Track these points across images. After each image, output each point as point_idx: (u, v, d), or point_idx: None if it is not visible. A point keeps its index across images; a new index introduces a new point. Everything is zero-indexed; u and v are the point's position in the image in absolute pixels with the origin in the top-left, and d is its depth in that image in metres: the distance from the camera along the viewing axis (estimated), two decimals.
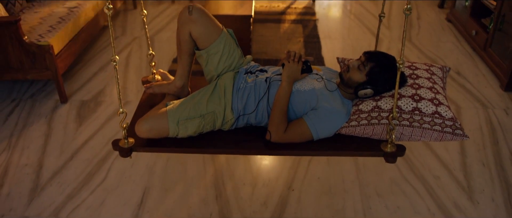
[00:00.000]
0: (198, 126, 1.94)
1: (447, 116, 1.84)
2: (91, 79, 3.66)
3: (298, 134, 1.91)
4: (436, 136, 1.84)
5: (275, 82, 2.00)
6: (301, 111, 1.97)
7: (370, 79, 1.93)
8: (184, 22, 2.02)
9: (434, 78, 2.04)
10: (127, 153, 1.93)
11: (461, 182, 2.58)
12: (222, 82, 2.06)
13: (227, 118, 1.99)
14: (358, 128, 1.91)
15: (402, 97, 1.90)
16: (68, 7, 3.72)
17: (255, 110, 1.99)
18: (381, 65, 1.93)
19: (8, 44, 3.10)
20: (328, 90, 1.98)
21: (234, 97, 2.01)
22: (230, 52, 2.12)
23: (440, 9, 5.05)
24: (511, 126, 3.05)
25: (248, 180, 2.62)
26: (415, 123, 1.84)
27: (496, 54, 3.62)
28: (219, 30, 2.07)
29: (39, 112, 3.24)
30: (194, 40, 2.08)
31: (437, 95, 1.92)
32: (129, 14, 5.01)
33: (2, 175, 2.65)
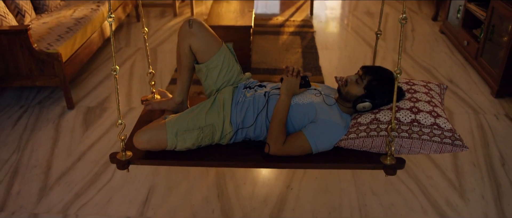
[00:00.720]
0: (196, 138, 1.95)
1: (446, 127, 1.85)
2: (97, 86, 3.79)
3: (297, 147, 1.92)
4: (436, 147, 1.85)
5: (274, 96, 2.03)
6: (300, 125, 1.98)
7: (368, 92, 1.96)
8: (184, 35, 2.07)
9: (432, 93, 2.05)
10: (124, 166, 1.93)
11: (453, 182, 2.69)
12: (221, 96, 2.09)
13: (225, 131, 2.01)
14: (357, 141, 1.92)
15: (400, 110, 1.91)
16: (76, 18, 3.86)
17: (254, 124, 2.01)
18: (379, 78, 1.96)
19: (18, 52, 3.24)
20: (326, 104, 2.01)
21: (233, 111, 2.04)
22: (229, 67, 2.16)
23: (433, 22, 5.21)
24: (501, 130, 3.17)
25: (248, 179, 2.73)
26: (414, 134, 1.85)
27: (487, 62, 3.76)
28: (218, 44, 2.11)
29: (46, 118, 3.36)
30: (194, 54, 2.11)
31: (435, 108, 1.93)
32: (132, 26, 5.16)
33: (12, 175, 2.76)
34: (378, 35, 2.21)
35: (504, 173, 2.75)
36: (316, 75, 3.93)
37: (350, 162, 1.93)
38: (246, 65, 4.06)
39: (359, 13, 5.67)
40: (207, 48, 2.08)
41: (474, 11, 4.02)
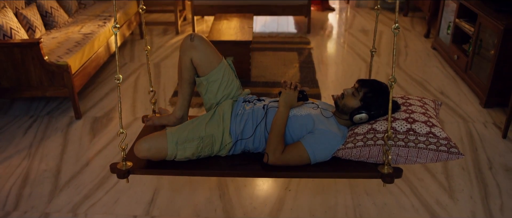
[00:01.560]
0: (196, 148, 2.01)
1: (441, 136, 1.92)
2: (103, 98, 3.96)
3: (296, 157, 1.98)
4: (432, 156, 1.91)
5: (272, 108, 2.12)
6: (299, 135, 2.05)
7: (365, 104, 2.03)
8: (186, 48, 2.15)
9: (427, 107, 2.14)
10: (124, 175, 1.98)
11: (442, 183, 2.84)
12: (221, 108, 2.17)
13: (225, 141, 2.06)
14: (354, 150, 1.97)
15: (396, 120, 1.99)
16: (83, 33, 4.06)
17: (253, 135, 2.08)
18: (374, 90, 2.04)
19: (30, 64, 3.41)
20: (324, 116, 2.09)
21: (232, 122, 2.11)
22: (229, 81, 2.24)
23: (425, 39, 5.42)
24: (489, 136, 3.33)
25: (248, 182, 2.87)
26: (411, 143, 1.91)
27: (475, 75, 3.94)
28: (219, 58, 2.20)
29: (55, 127, 3.51)
30: (195, 68, 2.20)
31: (430, 119, 2.01)
32: (136, 43, 5.35)
33: (24, 178, 2.90)
34: (372, 52, 2.35)
35: (491, 175, 2.90)
36: (313, 88, 4.10)
37: (348, 171, 1.99)
38: (245, 79, 4.23)
39: (354, 31, 5.88)
40: (207, 61, 2.17)
41: (463, 27, 4.22)
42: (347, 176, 2.15)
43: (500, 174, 2.91)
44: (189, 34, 2.17)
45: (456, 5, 4.39)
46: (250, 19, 4.85)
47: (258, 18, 6.47)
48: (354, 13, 6.74)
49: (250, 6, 5.48)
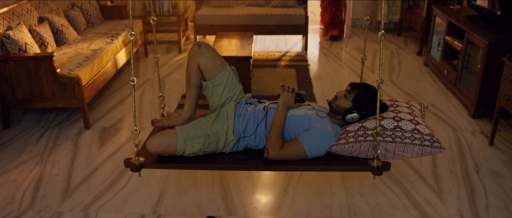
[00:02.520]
0: (203, 144, 2.22)
1: (425, 132, 2.14)
2: (111, 110, 4.16)
3: (293, 152, 2.19)
4: (417, 150, 2.12)
5: (272, 109, 2.35)
6: (296, 133, 2.26)
7: (356, 105, 2.26)
8: (194, 55, 2.39)
9: (413, 108, 2.36)
10: (137, 168, 2.18)
11: (432, 185, 3.01)
12: (225, 109, 2.39)
13: (229, 138, 2.28)
14: (346, 146, 2.18)
15: (384, 119, 2.20)
16: (92, 49, 4.28)
17: (254, 133, 2.30)
18: (364, 92, 2.27)
19: (43, 76, 3.63)
20: (319, 117, 2.31)
21: (235, 121, 2.32)
22: (232, 85, 2.47)
23: (418, 56, 5.66)
24: (476, 144, 3.52)
25: (249, 184, 3.05)
26: (397, 138, 2.12)
27: (464, 88, 4.16)
28: (223, 64, 2.44)
29: (66, 136, 3.70)
30: (201, 72, 2.42)
31: (416, 118, 2.23)
32: (141, 61, 5.58)
33: (37, 181, 3.08)
34: (363, 60, 2.61)
35: (478, 178, 3.08)
36: (310, 101, 4.30)
37: (341, 165, 2.19)
38: (246, 92, 4.44)
39: (349, 49, 6.12)
40: (213, 66, 2.39)
41: (452, 43, 4.46)
42: (340, 169, 2.36)
43: (487, 177, 3.09)
44: (197, 42, 2.40)
45: (446, 23, 4.64)
46: (250, 37, 5.08)
47: (257, 39, 6.72)
48: (350, 33, 6.99)
49: (250, 26, 5.74)
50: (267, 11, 5.88)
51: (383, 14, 2.09)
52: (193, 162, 2.25)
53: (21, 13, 4.08)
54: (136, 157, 2.18)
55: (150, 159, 2.24)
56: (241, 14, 5.81)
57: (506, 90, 3.22)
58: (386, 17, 6.64)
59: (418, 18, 5.70)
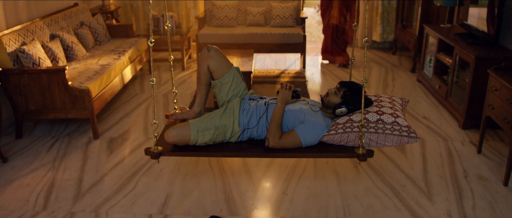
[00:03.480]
0: (212, 135, 2.58)
1: (403, 124, 2.48)
2: (118, 122, 4.36)
3: (290, 141, 2.53)
4: (396, 140, 2.45)
5: (272, 104, 2.68)
6: (292, 125, 2.61)
7: (344, 100, 2.60)
8: (204, 58, 2.73)
9: (394, 103, 2.68)
10: (156, 156, 2.50)
11: (422, 189, 3.20)
12: (231, 104, 2.72)
13: (235, 130, 2.63)
14: (336, 136, 2.51)
15: (368, 113, 2.54)
16: (101, 64, 4.51)
17: (257, 125, 2.64)
18: (352, 90, 2.60)
19: (55, 88, 3.84)
20: (312, 111, 2.64)
21: (240, 115, 2.66)
22: (237, 83, 2.81)
23: (412, 73, 5.88)
24: (465, 152, 3.71)
25: (250, 188, 3.23)
26: (379, 130, 2.46)
27: (454, 101, 4.37)
28: (229, 65, 2.78)
29: (75, 145, 3.90)
30: (210, 73, 2.75)
31: (396, 112, 2.55)
32: (145, 77, 5.80)
33: (50, 186, 3.26)
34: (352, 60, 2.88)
35: (466, 182, 3.27)
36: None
37: (331, 152, 2.52)
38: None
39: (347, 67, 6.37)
40: (221, 67, 2.73)
41: (443, 59, 4.69)
42: (331, 156, 2.72)
43: (474, 182, 3.28)
44: (206, 46, 2.73)
45: (436, 41, 4.88)
46: (250, 54, 5.32)
47: (257, 57, 6.96)
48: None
49: (250, 44, 5.98)
50: (267, 30, 6.13)
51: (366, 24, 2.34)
52: (204, 151, 2.58)
53: (34, 30, 4.32)
54: (155, 147, 2.49)
55: (167, 148, 2.57)
56: (242, 33, 6.06)
57: (491, 100, 3.43)
58: (381, 36, 6.89)
59: (411, 37, 5.96)
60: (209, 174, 3.39)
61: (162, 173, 3.41)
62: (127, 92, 5.22)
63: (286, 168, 3.46)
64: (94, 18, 5.47)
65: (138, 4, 6.98)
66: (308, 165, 3.51)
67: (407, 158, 3.62)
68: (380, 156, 3.63)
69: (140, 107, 4.76)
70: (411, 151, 3.74)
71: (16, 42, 3.97)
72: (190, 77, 5.84)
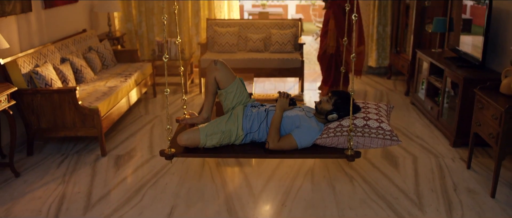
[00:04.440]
0: (219, 139, 2.94)
1: (386, 128, 2.86)
2: (124, 141, 4.56)
3: (287, 144, 2.93)
4: (380, 142, 2.82)
5: (271, 111, 3.05)
6: (289, 129, 3.00)
7: (335, 107, 2.99)
8: (211, 70, 3.11)
9: (380, 110, 3.07)
10: (170, 157, 2.90)
11: (414, 200, 3.38)
12: (236, 111, 3.08)
13: (239, 134, 2.98)
14: (328, 139, 2.88)
15: (356, 118, 2.92)
16: (109, 86, 4.74)
17: (258, 129, 3.00)
18: (342, 98, 2.98)
19: (66, 107, 4.05)
20: (307, 117, 3.00)
21: (244, 121, 3.02)
22: (241, 92, 3.18)
23: (406, 96, 6.11)
24: (455, 168, 3.90)
25: (251, 199, 3.41)
26: (366, 134, 2.84)
27: (446, 121, 4.58)
28: (234, 77, 3.16)
29: (84, 162, 4.08)
30: (217, 83, 3.12)
31: (381, 117, 2.94)
32: (150, 101, 6.02)
33: (61, 198, 3.44)
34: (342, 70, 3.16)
35: (456, 195, 3.45)
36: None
37: (324, 153, 2.89)
38: None
39: None
40: (226, 78, 3.09)
41: (434, 81, 4.93)
42: (323, 156, 3.14)
43: (463, 194, 3.46)
44: (214, 60, 3.09)
45: (428, 65, 5.13)
46: (251, 78, 5.56)
47: (258, 81, 7.21)
48: None
49: (250, 69, 6.22)
50: (266, 56, 6.38)
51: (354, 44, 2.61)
52: (212, 152, 2.95)
53: (46, 54, 4.57)
54: (169, 149, 2.85)
55: (179, 150, 2.92)
56: (243, 58, 6.31)
57: (478, 117, 3.65)
58: (376, 62, 7.16)
59: (405, 61, 6.22)
60: (212, 187, 3.57)
61: (167, 187, 3.59)
62: (132, 113, 5.43)
63: (285, 182, 3.65)
64: (102, 44, 5.73)
65: (142, 31, 7.27)
66: (306, 179, 3.69)
67: (400, 173, 3.81)
68: (374, 171, 3.82)
69: (145, 127, 4.97)
70: (404, 166, 3.93)
71: (30, 64, 4.21)
72: (192, 100, 6.07)
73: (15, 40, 4.34)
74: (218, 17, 7.27)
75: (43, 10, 4.90)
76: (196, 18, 7.24)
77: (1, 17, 4.09)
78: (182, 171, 3.82)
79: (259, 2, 12.77)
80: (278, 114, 2.96)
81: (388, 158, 4.08)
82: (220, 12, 7.31)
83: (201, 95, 6.29)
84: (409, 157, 4.11)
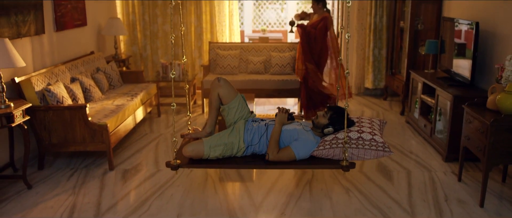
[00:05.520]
0: (222, 150, 3.12)
1: (379, 140, 3.05)
2: (130, 157, 4.76)
3: (286, 155, 3.09)
4: (374, 153, 3.02)
5: (271, 125, 3.25)
6: (288, 142, 3.16)
7: (331, 122, 3.16)
8: (215, 86, 3.33)
9: (373, 124, 3.26)
10: (175, 167, 3.09)
11: (407, 210, 3.56)
12: (237, 126, 3.28)
13: (240, 146, 3.17)
14: (324, 151, 3.07)
15: (351, 131, 3.11)
16: (116, 104, 4.97)
17: (259, 142, 3.19)
18: (337, 113, 3.17)
19: (76, 124, 4.27)
20: (305, 130, 3.20)
21: (245, 134, 3.21)
22: (242, 108, 3.38)
23: (401, 116, 6.34)
24: (447, 180, 4.09)
25: (252, 209, 3.59)
26: (360, 145, 3.03)
27: (438, 137, 4.80)
28: (236, 93, 3.38)
29: (93, 175, 4.28)
30: (220, 99, 3.33)
31: (374, 131, 3.13)
32: (154, 120, 6.24)
33: (72, 207, 3.62)
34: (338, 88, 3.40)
35: (447, 205, 3.64)
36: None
37: (320, 164, 3.07)
38: None
39: None
40: (229, 95, 3.30)
41: (426, 100, 5.16)
42: (320, 167, 3.26)
43: (454, 204, 3.65)
44: (217, 77, 3.31)
45: (421, 85, 5.37)
46: (251, 98, 5.79)
47: (258, 102, 7.45)
48: None
49: (251, 90, 6.47)
50: (266, 77, 6.63)
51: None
52: (215, 163, 3.15)
53: (57, 73, 4.82)
54: (174, 160, 3.05)
55: (184, 161, 3.12)
56: (244, 79, 6.56)
57: (467, 132, 3.86)
58: (373, 83, 7.40)
59: (400, 82, 6.47)
60: (215, 198, 3.76)
61: (172, 198, 3.77)
62: (137, 132, 5.64)
63: (285, 193, 3.83)
64: (109, 65, 5.99)
65: (147, 54, 7.55)
66: (305, 191, 3.88)
67: (394, 185, 4.00)
68: (369, 184, 4.01)
69: (151, 144, 5.17)
70: (398, 179, 4.12)
71: (42, 82, 4.45)
72: (195, 120, 6.28)
73: (29, 60, 4.59)
74: (220, 41, 7.56)
75: (55, 33, 5.17)
76: (199, 42, 7.53)
77: (17, 38, 4.35)
78: (187, 184, 4.01)
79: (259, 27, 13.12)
80: (278, 127, 3.17)
81: (382, 172, 4.27)
82: (222, 36, 7.61)
83: (204, 115, 6.51)
84: (403, 171, 4.31)
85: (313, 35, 5.63)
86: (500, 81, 3.71)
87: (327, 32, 5.65)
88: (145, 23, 7.45)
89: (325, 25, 5.60)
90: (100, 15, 6.68)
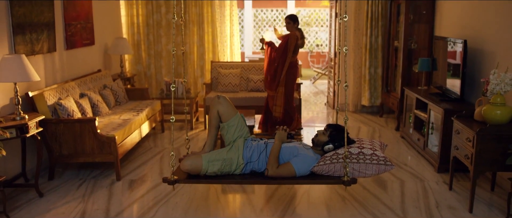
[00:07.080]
0: (220, 166, 3.21)
1: (380, 155, 3.14)
2: (136, 169, 4.96)
3: (286, 171, 3.18)
4: (375, 168, 3.07)
5: (270, 143, 3.35)
6: (287, 159, 3.26)
7: (331, 139, 3.25)
8: (214, 104, 3.43)
9: (374, 143, 3.33)
10: (172, 182, 3.16)
11: (399, 215, 3.76)
12: (237, 143, 3.39)
13: (239, 162, 3.26)
14: (324, 167, 3.15)
15: (351, 147, 3.17)
16: (123, 119, 5.20)
17: (258, 159, 3.27)
18: (337, 130, 3.27)
19: (86, 136, 4.50)
20: (304, 148, 3.30)
21: (244, 151, 3.32)
22: (241, 126, 3.48)
23: (396, 131, 6.56)
24: (438, 189, 4.30)
25: (253, 216, 3.78)
26: (361, 160, 3.10)
27: (431, 149, 5.01)
28: (235, 111, 3.48)
29: (101, 185, 4.48)
30: (220, 116, 3.42)
31: (375, 147, 3.22)
32: (158, 136, 6.46)
33: (82, 214, 3.82)
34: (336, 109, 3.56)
35: (437, 211, 3.84)
36: None
37: (321, 179, 3.14)
38: None
39: None
40: (228, 112, 3.39)
41: (420, 115, 5.39)
42: (320, 182, 3.34)
43: (444, 210, 3.85)
44: (216, 95, 3.41)
45: (414, 100, 5.61)
46: (251, 114, 6.01)
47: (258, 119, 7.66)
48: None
49: (251, 106, 6.70)
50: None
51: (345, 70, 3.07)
52: (213, 179, 3.18)
53: (68, 89, 5.06)
54: (172, 176, 3.07)
55: (181, 176, 3.14)
56: (244, 97, 6.80)
57: (456, 142, 4.08)
58: (369, 101, 7.65)
59: (395, 99, 6.71)
60: (218, 206, 3.96)
61: (177, 205, 3.97)
62: (142, 146, 5.86)
63: (284, 201, 4.03)
64: (115, 82, 6.24)
65: (151, 73, 7.82)
66: (303, 198, 4.08)
67: (388, 194, 4.20)
68: (364, 192, 4.21)
69: (155, 157, 5.39)
70: (392, 189, 4.32)
71: (54, 97, 4.69)
72: (197, 136, 6.50)
73: (42, 75, 4.84)
74: (221, 60, 7.83)
75: (65, 51, 5.44)
76: (201, 61, 7.81)
77: (31, 55, 4.60)
78: (191, 193, 4.20)
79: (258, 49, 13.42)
80: (277, 144, 3.23)
81: (377, 182, 4.47)
82: (224, 56, 7.89)
83: (206, 131, 6.73)
84: (396, 181, 4.51)
85: (274, 55, 6.02)
86: (486, 94, 3.94)
87: (287, 52, 5.87)
88: (150, 43, 7.74)
89: (285, 42, 5.90)
90: (107, 35, 6.97)
